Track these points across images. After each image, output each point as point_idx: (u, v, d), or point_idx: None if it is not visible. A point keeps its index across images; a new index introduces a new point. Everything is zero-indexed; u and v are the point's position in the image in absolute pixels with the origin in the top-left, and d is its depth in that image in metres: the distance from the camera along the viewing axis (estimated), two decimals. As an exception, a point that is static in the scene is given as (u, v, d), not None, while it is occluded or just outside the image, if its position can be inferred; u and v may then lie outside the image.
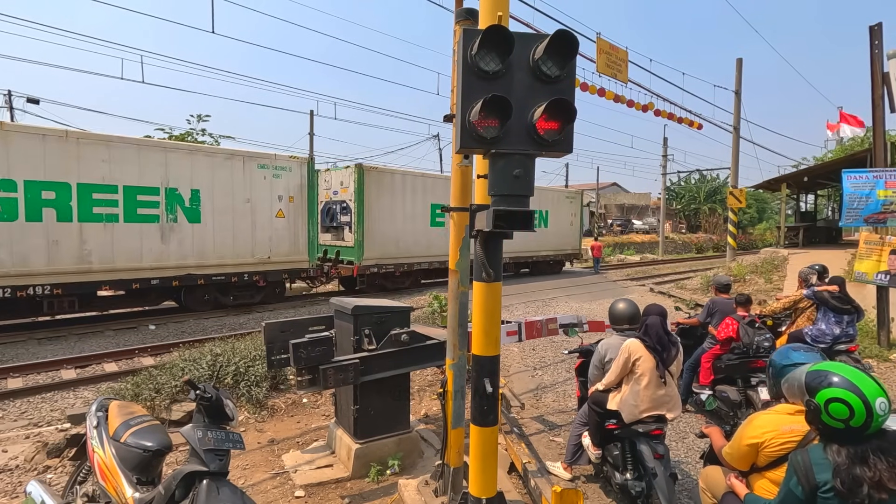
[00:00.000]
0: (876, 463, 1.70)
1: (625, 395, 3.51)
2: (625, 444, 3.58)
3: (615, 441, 3.65)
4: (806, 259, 14.22)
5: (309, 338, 3.73)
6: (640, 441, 3.44)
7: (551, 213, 19.18)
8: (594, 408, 3.76)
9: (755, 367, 4.99)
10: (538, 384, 6.51)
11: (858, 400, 1.74)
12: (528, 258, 18.59)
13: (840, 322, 5.39)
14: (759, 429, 2.25)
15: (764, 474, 2.25)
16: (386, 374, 4.14)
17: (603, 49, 9.75)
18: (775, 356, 2.53)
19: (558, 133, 2.26)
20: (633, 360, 3.49)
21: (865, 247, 7.89)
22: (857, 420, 1.74)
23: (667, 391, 3.49)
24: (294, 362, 3.66)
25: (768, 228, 40.72)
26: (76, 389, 6.70)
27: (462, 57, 2.23)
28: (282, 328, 4.24)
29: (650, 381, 3.44)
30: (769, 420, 2.27)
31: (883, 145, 8.34)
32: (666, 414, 3.49)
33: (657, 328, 3.57)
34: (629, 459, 3.55)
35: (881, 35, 7.97)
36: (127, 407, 3.12)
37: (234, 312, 12.16)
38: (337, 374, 3.76)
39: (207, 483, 2.36)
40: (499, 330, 2.71)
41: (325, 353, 3.74)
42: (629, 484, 3.49)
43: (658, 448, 3.39)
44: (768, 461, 2.21)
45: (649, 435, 3.43)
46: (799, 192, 22.49)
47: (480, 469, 2.74)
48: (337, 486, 4.02)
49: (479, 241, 2.55)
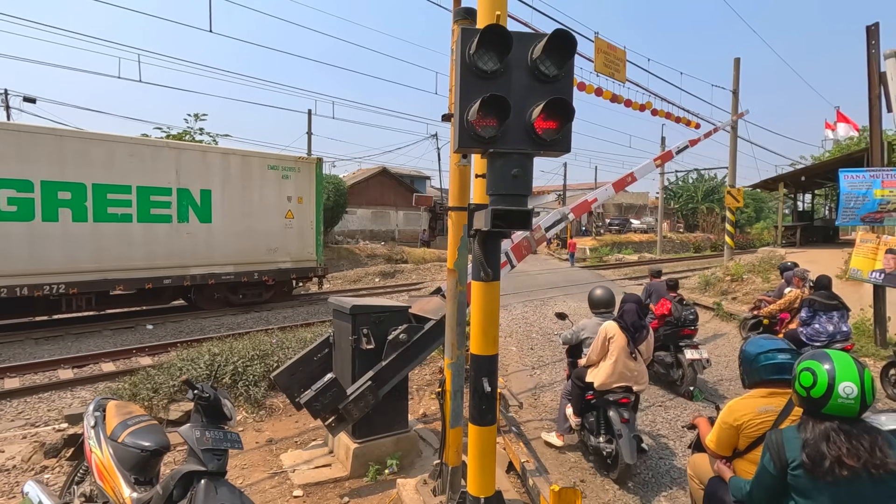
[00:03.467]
0: (837, 441, 1.84)
1: (600, 369, 4.11)
2: (599, 412, 4.19)
3: (592, 410, 4.26)
4: (804, 258, 14.25)
5: (315, 390, 3.79)
6: (610, 408, 4.04)
7: (231, 195, 11.67)
8: (576, 381, 4.34)
9: (683, 335, 6.15)
10: (536, 383, 6.52)
11: (825, 375, 1.88)
12: (163, 280, 10.75)
13: (831, 319, 5.62)
14: (737, 412, 2.44)
15: (745, 458, 2.43)
16: (399, 377, 4.18)
17: (601, 48, 9.75)
18: (748, 347, 2.66)
19: (556, 132, 2.26)
20: (608, 338, 4.09)
21: (861, 245, 7.92)
22: (817, 391, 1.89)
23: (636, 367, 4.11)
24: (316, 416, 3.87)
25: (766, 228, 40.80)
26: (73, 389, 6.68)
27: (460, 56, 2.23)
28: (290, 372, 4.38)
29: (620, 357, 4.05)
30: (745, 404, 2.47)
31: (880, 145, 8.36)
32: (633, 386, 4.08)
33: (632, 314, 4.21)
34: (602, 425, 4.15)
35: (878, 35, 7.99)
36: (125, 407, 3.11)
37: (232, 312, 12.15)
38: (357, 404, 3.88)
39: (205, 483, 2.36)
40: (497, 329, 2.71)
41: (337, 394, 3.83)
42: (601, 446, 4.10)
43: (624, 414, 3.96)
44: (748, 443, 2.40)
45: (618, 403, 4.01)
46: (796, 191, 22.54)
47: (479, 468, 2.74)
48: (335, 486, 4.02)
49: (477, 241, 2.55)
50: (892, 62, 7.76)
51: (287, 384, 4.36)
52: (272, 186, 12.44)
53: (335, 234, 27.96)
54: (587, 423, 4.32)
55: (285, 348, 6.99)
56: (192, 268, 11.22)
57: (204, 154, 11.59)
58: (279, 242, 12.62)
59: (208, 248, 11.46)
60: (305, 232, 13.15)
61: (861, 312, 9.11)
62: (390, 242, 30.10)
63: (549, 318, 10.39)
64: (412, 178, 38.27)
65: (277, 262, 12.62)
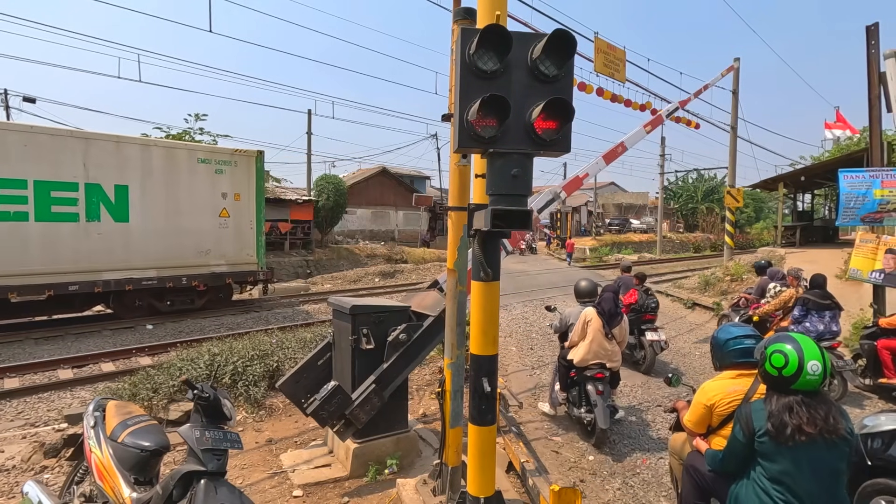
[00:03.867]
0: (799, 412, 2.13)
1: (579, 348, 4.82)
2: (580, 387, 4.90)
3: (575, 386, 4.97)
4: (803, 258, 14.25)
5: (320, 399, 3.83)
6: (588, 382, 4.75)
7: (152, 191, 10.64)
8: (561, 361, 5.09)
9: (645, 320, 6.97)
10: (536, 383, 6.52)
11: (795, 355, 2.16)
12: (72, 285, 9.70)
13: (822, 318, 5.86)
14: (709, 393, 2.74)
15: (718, 433, 2.72)
16: (402, 377, 4.21)
17: (601, 48, 9.75)
18: (718, 334, 2.95)
19: (556, 132, 2.26)
20: (587, 322, 4.80)
21: (861, 246, 7.92)
22: (789, 370, 2.16)
23: (610, 347, 4.83)
24: (324, 425, 3.93)
25: (765, 228, 40.80)
26: (73, 389, 6.68)
27: (460, 56, 2.23)
28: (295, 380, 4.41)
29: (596, 338, 4.76)
30: (716, 385, 2.77)
31: (879, 145, 8.36)
32: (607, 363, 4.78)
33: (609, 301, 4.96)
34: (583, 398, 4.84)
35: (878, 35, 7.99)
36: (124, 407, 3.11)
37: (232, 312, 12.12)
38: (363, 408, 3.92)
39: (205, 483, 2.35)
40: (497, 329, 2.71)
41: (342, 400, 3.86)
42: (582, 416, 4.82)
43: (599, 387, 4.67)
44: (720, 420, 2.70)
45: (594, 378, 4.72)
46: (796, 191, 22.53)
47: (478, 468, 2.74)
48: (335, 486, 4.02)
49: (477, 241, 2.55)
50: (892, 62, 7.76)
51: (293, 392, 4.41)
52: (203, 182, 11.19)
53: (335, 234, 27.96)
54: (571, 397, 5.03)
55: (285, 348, 7.00)
56: (105, 272, 9.94)
57: (118, 145, 10.15)
58: (212, 244, 11.45)
59: (125, 251, 10.24)
60: (244, 232, 11.94)
61: (861, 312, 9.10)
62: (390, 242, 30.10)
63: (548, 318, 10.39)
64: (412, 178, 38.26)
65: (210, 266, 11.42)
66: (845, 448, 2.14)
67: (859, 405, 5.83)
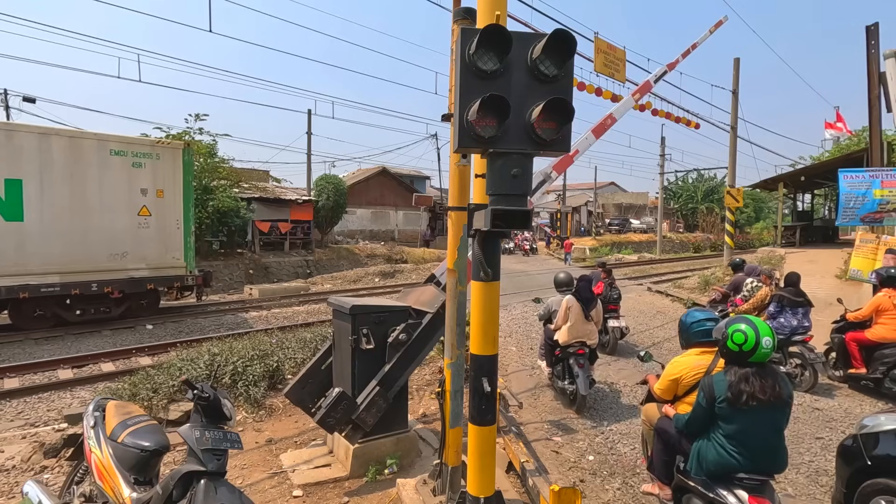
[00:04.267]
0: (753, 382, 2.61)
1: (563, 330, 5.61)
2: (563, 362, 5.68)
3: (559, 362, 5.74)
4: (803, 258, 14.24)
5: (325, 406, 3.86)
6: (570, 358, 5.52)
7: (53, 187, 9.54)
8: (547, 341, 5.94)
9: (609, 309, 7.76)
10: (536, 383, 6.52)
11: (753, 333, 2.64)
12: None
13: (796, 314, 6.26)
14: (678, 367, 3.24)
15: (683, 400, 3.20)
16: (405, 376, 4.23)
17: (601, 48, 9.76)
18: (684, 318, 3.46)
19: (556, 132, 2.26)
20: (568, 308, 5.60)
21: (861, 246, 7.91)
22: (748, 346, 2.64)
23: (589, 328, 5.68)
24: (332, 431, 4.00)
25: (765, 228, 40.82)
26: (73, 389, 6.68)
27: (460, 56, 2.23)
28: (301, 386, 4.46)
29: (577, 321, 5.58)
30: (683, 360, 3.28)
31: (879, 145, 8.37)
32: (586, 341, 5.61)
33: (586, 289, 5.81)
34: (566, 372, 5.64)
35: (877, 35, 7.99)
36: (124, 407, 3.11)
37: (232, 312, 12.11)
38: (370, 411, 3.95)
39: (205, 483, 2.35)
40: (497, 329, 2.71)
41: (348, 406, 3.89)
42: (565, 387, 5.63)
43: (580, 361, 5.46)
44: (685, 390, 3.19)
45: (576, 354, 5.51)
46: (796, 191, 22.52)
47: (478, 468, 2.74)
48: (335, 486, 4.02)
49: (476, 241, 2.55)
50: (892, 62, 7.76)
51: (300, 398, 4.45)
52: (117, 176, 9.99)
53: (335, 234, 27.96)
54: (556, 372, 5.84)
55: (285, 348, 7.00)
56: None
57: (9, 134, 8.98)
58: (130, 245, 10.26)
59: (19, 254, 9.06)
60: (169, 232, 10.75)
61: (861, 312, 9.10)
62: (390, 242, 30.10)
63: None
64: (412, 178, 38.26)
65: (127, 270, 10.21)
66: (786, 410, 2.70)
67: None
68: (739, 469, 2.65)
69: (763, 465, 2.67)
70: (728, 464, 2.66)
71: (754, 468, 2.65)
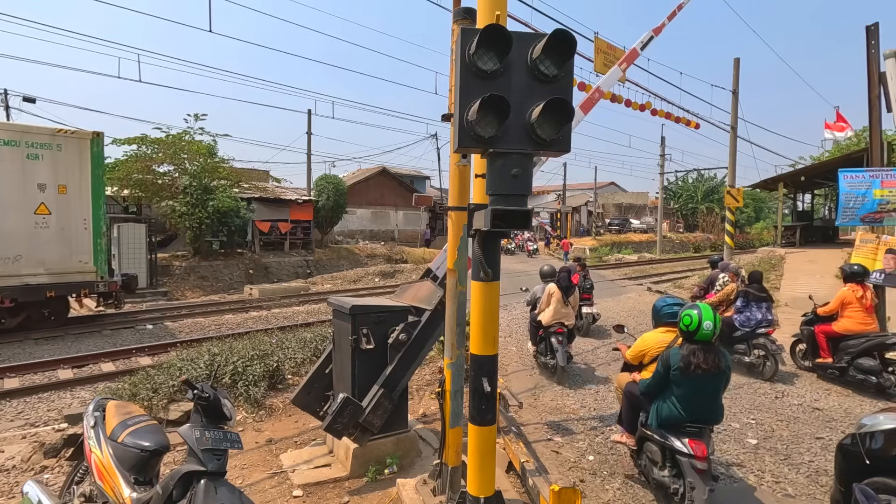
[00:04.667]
0: (698, 355, 3.36)
1: (546, 312, 6.64)
2: (546, 341, 6.67)
3: (542, 341, 6.77)
4: (803, 258, 14.25)
5: (332, 413, 3.88)
6: (552, 336, 6.53)
7: None
8: (532, 323, 7.00)
9: (584, 298, 8.71)
10: (536, 383, 6.52)
11: (697, 317, 3.38)
12: None
13: (760, 308, 6.84)
14: (646, 341, 4.07)
15: (647, 368, 4.00)
16: (408, 376, 4.26)
17: (601, 48, 9.75)
18: (656, 303, 4.25)
19: (556, 132, 2.26)
20: (550, 294, 6.66)
21: (861, 246, 7.91)
22: (692, 326, 3.39)
23: (567, 311, 6.68)
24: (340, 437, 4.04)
25: (765, 228, 40.81)
26: (73, 389, 6.68)
27: (460, 56, 2.22)
28: (307, 392, 4.53)
29: (557, 305, 6.59)
30: (651, 336, 4.10)
31: (879, 145, 8.36)
32: (565, 321, 6.61)
33: (565, 279, 6.79)
34: (548, 349, 6.59)
35: (878, 35, 7.99)
36: (124, 407, 3.11)
37: (232, 311, 12.11)
38: (376, 413, 3.98)
39: (205, 483, 2.35)
40: (497, 329, 2.71)
41: (354, 410, 3.92)
42: (547, 361, 6.62)
43: (560, 338, 6.44)
44: (650, 360, 3.98)
45: (556, 332, 6.51)
46: (796, 191, 22.54)
47: (478, 468, 2.74)
48: (335, 486, 4.02)
49: (476, 241, 2.55)
50: (892, 62, 7.75)
51: (307, 403, 4.49)
52: (8, 169, 8.85)
53: (335, 234, 27.96)
54: (539, 349, 6.84)
55: (285, 348, 7.00)
56: None
57: None
58: (24, 248, 9.06)
59: None
60: (74, 233, 9.53)
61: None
62: (390, 242, 30.09)
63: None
64: (412, 178, 38.25)
65: (21, 276, 9.02)
66: (723, 377, 3.47)
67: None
68: (685, 421, 3.46)
69: (702, 418, 3.49)
70: (676, 417, 3.47)
71: (695, 420, 3.46)
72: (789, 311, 10.26)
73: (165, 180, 18.87)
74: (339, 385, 4.37)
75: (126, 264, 14.85)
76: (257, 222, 21.54)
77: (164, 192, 18.66)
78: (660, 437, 3.55)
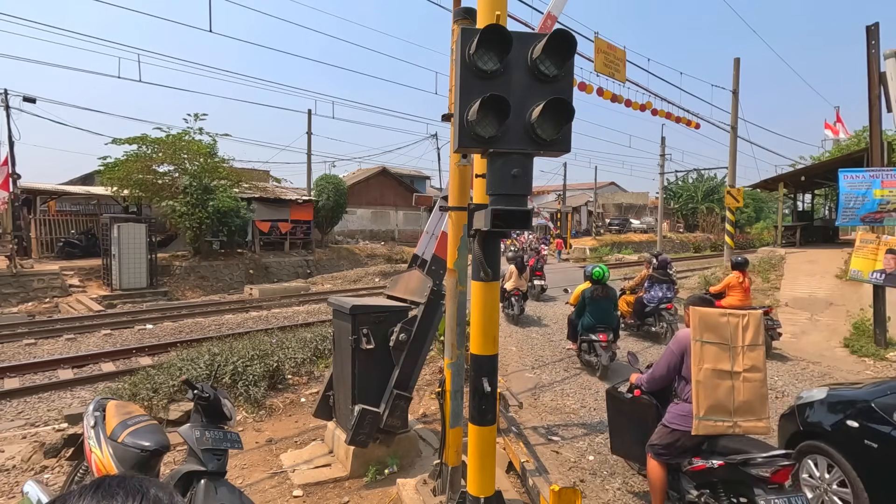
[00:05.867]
0: (598, 289, 6.99)
1: (510, 282, 10.01)
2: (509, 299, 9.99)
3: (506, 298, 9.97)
4: (803, 258, 14.24)
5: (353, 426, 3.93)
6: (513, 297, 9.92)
7: None
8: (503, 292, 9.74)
9: (536, 275, 12.61)
10: (536, 383, 6.52)
11: (595, 268, 7.21)
12: None
13: (662, 288, 8.50)
14: (578, 289, 7.29)
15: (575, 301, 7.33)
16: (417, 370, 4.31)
17: (601, 48, 9.76)
18: (586, 269, 7.46)
19: (556, 132, 2.26)
20: (511, 271, 10.12)
21: (862, 246, 7.91)
22: (595, 274, 7.08)
23: (521, 282, 10.21)
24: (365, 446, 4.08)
25: (766, 228, 40.77)
26: (73, 389, 6.68)
27: (460, 56, 2.22)
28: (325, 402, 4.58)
29: (515, 277, 10.06)
30: (581, 286, 7.29)
31: (879, 145, 8.37)
32: (521, 288, 10.07)
33: (520, 261, 10.54)
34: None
35: (878, 35, 7.99)
36: (124, 407, 3.11)
37: (231, 311, 12.11)
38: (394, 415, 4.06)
39: (205, 483, 2.36)
40: (497, 329, 2.71)
41: (374, 419, 4.00)
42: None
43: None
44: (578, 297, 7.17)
45: (514, 294, 9.92)
46: (796, 191, 22.50)
47: (479, 468, 2.74)
48: (335, 486, 4.02)
49: (477, 241, 2.55)
50: (892, 62, 7.76)
51: (329, 415, 4.54)
52: None
53: (335, 234, 27.96)
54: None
55: (285, 348, 7.00)
56: None
57: None
58: None
59: None
60: None
61: (861, 313, 9.10)
62: (390, 242, 30.09)
63: (548, 318, 10.46)
64: (412, 178, 38.23)
65: None
66: (613, 301, 7.12)
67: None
68: (596, 325, 6.77)
69: (604, 322, 6.79)
70: (591, 324, 6.79)
71: (600, 323, 6.77)
72: (790, 311, 10.26)
73: (165, 180, 18.86)
74: (340, 385, 4.38)
75: (126, 264, 14.87)
76: (257, 222, 21.53)
77: (164, 192, 18.64)
78: (585, 336, 6.85)
